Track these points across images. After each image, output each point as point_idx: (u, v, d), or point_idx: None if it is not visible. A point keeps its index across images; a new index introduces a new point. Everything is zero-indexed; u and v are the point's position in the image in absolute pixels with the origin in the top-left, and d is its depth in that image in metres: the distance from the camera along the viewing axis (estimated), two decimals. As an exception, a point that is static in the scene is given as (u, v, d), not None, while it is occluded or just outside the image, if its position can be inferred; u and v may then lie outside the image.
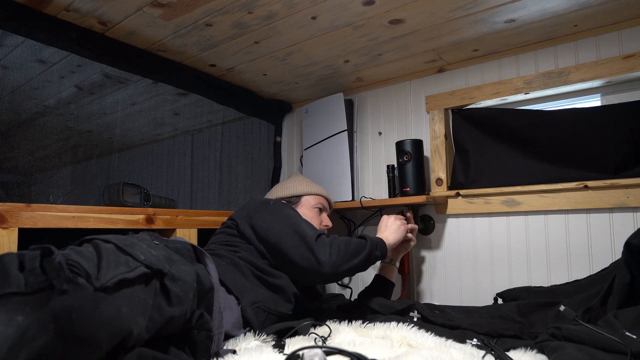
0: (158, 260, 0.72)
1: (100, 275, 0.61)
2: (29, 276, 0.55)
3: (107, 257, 0.65)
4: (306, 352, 0.75)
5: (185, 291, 0.73)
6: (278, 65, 1.58)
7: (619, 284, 0.90)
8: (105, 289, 0.61)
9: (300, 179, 1.50)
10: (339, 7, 1.17)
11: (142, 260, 0.69)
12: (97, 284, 0.60)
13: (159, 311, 0.68)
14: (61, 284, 0.56)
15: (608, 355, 0.73)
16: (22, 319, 0.52)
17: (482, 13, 1.21)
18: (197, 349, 0.79)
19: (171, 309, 0.70)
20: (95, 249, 0.67)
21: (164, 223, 1.35)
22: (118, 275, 0.63)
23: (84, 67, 1.29)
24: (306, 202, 1.42)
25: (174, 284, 0.72)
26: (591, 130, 1.28)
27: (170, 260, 0.76)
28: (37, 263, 0.56)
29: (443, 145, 1.55)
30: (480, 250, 1.47)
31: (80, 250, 0.65)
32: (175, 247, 0.88)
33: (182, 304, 0.72)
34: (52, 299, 0.55)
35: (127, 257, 0.68)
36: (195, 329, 0.79)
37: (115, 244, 0.70)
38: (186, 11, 1.19)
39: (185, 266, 0.80)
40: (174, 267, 0.75)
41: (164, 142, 1.58)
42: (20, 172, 1.15)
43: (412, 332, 0.99)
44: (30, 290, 0.54)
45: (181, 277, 0.75)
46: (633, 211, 1.21)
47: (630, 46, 1.25)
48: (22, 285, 0.53)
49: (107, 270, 0.63)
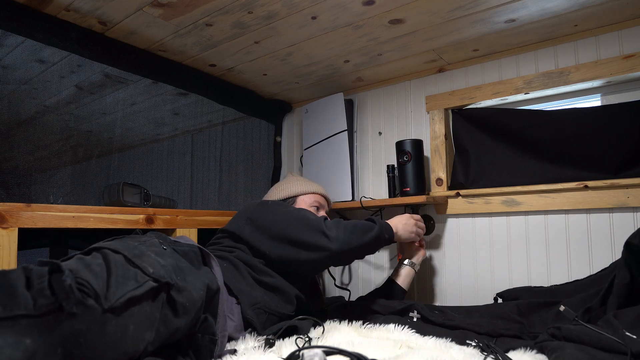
0: (166, 272, 0.71)
1: (109, 295, 0.60)
2: (37, 297, 0.53)
3: (115, 272, 0.64)
4: (306, 352, 0.75)
5: (192, 301, 0.73)
6: (278, 65, 1.58)
7: (619, 284, 0.89)
8: (114, 310, 0.60)
9: (294, 180, 1.49)
10: (339, 7, 1.17)
11: (151, 273, 0.68)
12: (106, 305, 0.59)
13: (165, 324, 0.67)
14: (71, 306, 0.55)
15: (608, 355, 0.73)
16: (29, 342, 0.51)
17: (482, 13, 1.21)
18: (200, 352, 0.79)
19: (177, 320, 0.69)
20: (105, 261, 0.65)
21: (164, 223, 1.35)
22: (127, 294, 0.62)
23: (84, 67, 1.29)
24: (302, 202, 1.42)
25: (180, 294, 0.71)
26: (591, 130, 1.28)
27: (179, 269, 0.75)
28: (46, 282, 0.55)
29: (443, 145, 1.55)
30: (480, 250, 1.47)
31: (88, 263, 0.64)
32: (183, 250, 0.87)
33: (188, 314, 0.72)
34: (61, 322, 0.54)
35: (135, 269, 0.67)
36: (200, 333, 0.78)
37: (124, 255, 0.68)
38: (186, 11, 1.19)
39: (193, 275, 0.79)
40: (183, 277, 0.74)
41: (164, 142, 1.58)
42: (20, 172, 1.15)
43: (412, 333, 1.00)
44: (39, 312, 0.52)
45: (188, 287, 0.74)
46: (633, 211, 1.21)
47: (631, 46, 1.25)
48: (30, 307, 0.52)
49: (116, 289, 0.62)
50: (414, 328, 1.02)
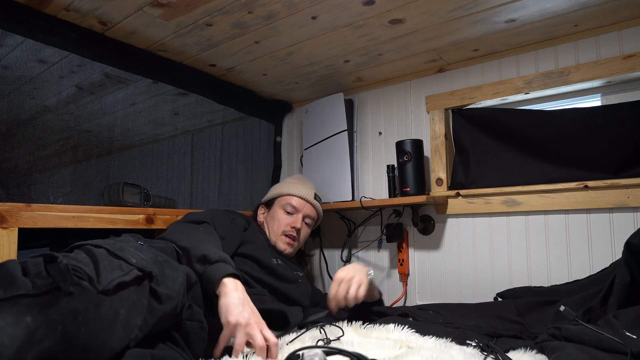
0: (148, 263, 0.74)
1: (101, 279, 0.63)
2: (35, 279, 0.56)
3: (102, 262, 0.67)
4: (306, 352, 0.75)
5: (173, 289, 0.76)
6: (278, 65, 1.58)
7: (619, 284, 0.89)
8: (107, 292, 0.63)
9: (284, 181, 1.53)
10: (339, 7, 1.17)
11: (134, 263, 0.71)
12: (99, 287, 0.62)
13: (151, 311, 0.70)
14: (68, 285, 0.57)
15: (608, 355, 0.73)
16: (30, 320, 0.52)
17: (482, 13, 1.21)
18: (192, 340, 0.81)
19: (162, 307, 0.72)
20: (89, 255, 0.68)
21: (164, 223, 1.35)
22: (116, 279, 0.65)
23: (84, 67, 1.29)
24: (277, 203, 1.48)
25: (163, 284, 0.75)
26: (591, 130, 1.28)
27: (158, 262, 0.79)
28: (42, 267, 0.58)
29: (443, 145, 1.55)
30: (480, 250, 1.47)
31: (74, 256, 0.66)
32: (159, 246, 0.91)
33: (172, 300, 0.74)
34: (59, 300, 0.56)
35: (119, 261, 0.70)
36: (187, 321, 0.81)
37: (106, 249, 0.72)
38: (186, 11, 1.19)
39: (172, 265, 0.82)
40: (163, 268, 0.78)
41: (164, 142, 1.58)
42: (20, 172, 1.15)
43: (412, 333, 0.99)
44: (38, 292, 0.54)
45: (169, 278, 0.77)
46: (633, 211, 1.21)
47: (631, 46, 1.25)
48: (29, 287, 0.54)
49: (106, 274, 0.64)
50: (413, 328, 1.02)
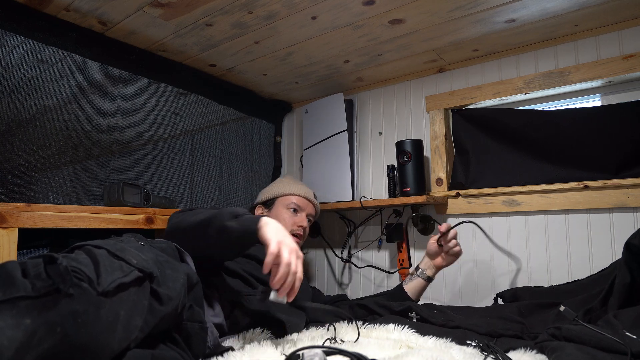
0: (148, 264, 0.74)
1: (101, 280, 0.63)
2: (35, 281, 0.55)
3: (102, 263, 0.66)
4: (306, 352, 0.75)
5: (174, 290, 0.76)
6: (278, 65, 1.58)
7: (619, 284, 0.89)
8: (107, 294, 0.62)
9: (280, 181, 1.51)
10: (339, 7, 1.17)
11: (135, 264, 0.70)
12: (99, 289, 0.61)
13: (151, 312, 0.70)
14: (67, 287, 0.57)
15: (608, 356, 0.73)
16: (29, 322, 0.52)
17: (482, 13, 1.21)
18: (192, 340, 0.81)
19: (162, 307, 0.72)
20: (89, 255, 0.68)
21: (164, 223, 1.35)
22: (116, 280, 0.64)
23: (84, 67, 1.29)
24: (280, 203, 1.46)
25: (164, 284, 0.74)
26: (591, 130, 1.28)
27: (159, 263, 0.79)
28: (42, 268, 0.57)
29: (443, 145, 1.55)
30: (480, 250, 1.47)
31: (74, 257, 0.66)
32: (160, 247, 0.90)
33: (172, 301, 0.74)
34: (59, 302, 0.56)
35: (120, 262, 0.69)
36: (188, 321, 0.81)
37: (107, 250, 0.71)
38: (186, 11, 1.19)
39: (173, 265, 0.82)
40: (163, 270, 0.78)
41: (164, 142, 1.58)
42: (20, 172, 1.15)
43: (412, 333, 0.99)
44: (37, 293, 0.54)
45: (170, 278, 0.77)
46: (633, 211, 1.21)
47: (631, 46, 1.25)
48: (29, 289, 0.54)
49: (106, 275, 0.64)
50: (413, 328, 1.02)
